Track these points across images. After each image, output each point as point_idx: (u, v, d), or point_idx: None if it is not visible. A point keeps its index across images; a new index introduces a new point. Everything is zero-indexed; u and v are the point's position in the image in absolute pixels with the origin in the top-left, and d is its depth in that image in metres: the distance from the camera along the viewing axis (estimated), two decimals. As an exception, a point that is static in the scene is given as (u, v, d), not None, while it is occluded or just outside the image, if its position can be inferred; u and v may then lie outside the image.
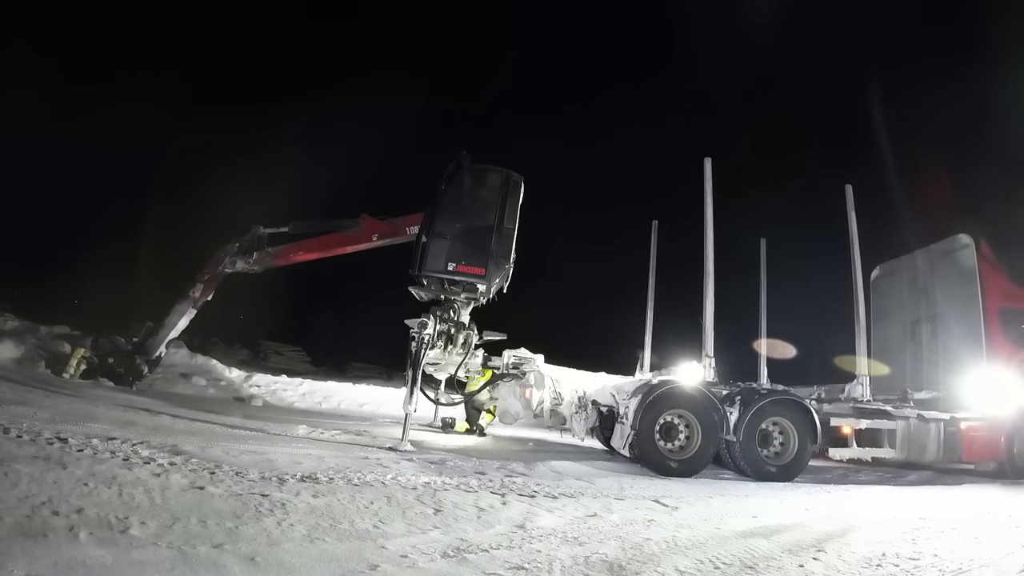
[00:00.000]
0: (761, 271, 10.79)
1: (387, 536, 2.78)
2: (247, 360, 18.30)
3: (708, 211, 7.41)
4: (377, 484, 3.93)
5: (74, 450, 3.76)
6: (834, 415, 6.97)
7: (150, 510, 2.72)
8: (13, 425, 4.20)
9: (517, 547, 2.84)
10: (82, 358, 8.98)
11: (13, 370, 8.25)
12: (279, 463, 4.20)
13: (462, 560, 2.56)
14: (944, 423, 7.24)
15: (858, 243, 8.00)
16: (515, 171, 7.96)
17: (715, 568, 2.84)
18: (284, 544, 2.49)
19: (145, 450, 4.03)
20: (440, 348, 7.47)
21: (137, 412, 6.18)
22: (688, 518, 3.91)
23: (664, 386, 6.32)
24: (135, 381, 9.06)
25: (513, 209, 7.78)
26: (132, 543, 2.27)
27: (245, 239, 9.14)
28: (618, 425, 6.38)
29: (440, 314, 7.44)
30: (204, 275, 9.21)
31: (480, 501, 3.74)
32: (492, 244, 7.44)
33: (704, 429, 6.25)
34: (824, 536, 3.64)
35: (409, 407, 6.10)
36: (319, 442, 5.80)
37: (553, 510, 3.71)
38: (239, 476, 3.62)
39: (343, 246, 8.92)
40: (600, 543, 3.06)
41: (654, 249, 10.54)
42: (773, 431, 6.55)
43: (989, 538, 3.95)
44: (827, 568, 2.96)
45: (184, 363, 11.02)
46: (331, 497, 3.39)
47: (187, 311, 9.22)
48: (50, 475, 3.06)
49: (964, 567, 3.19)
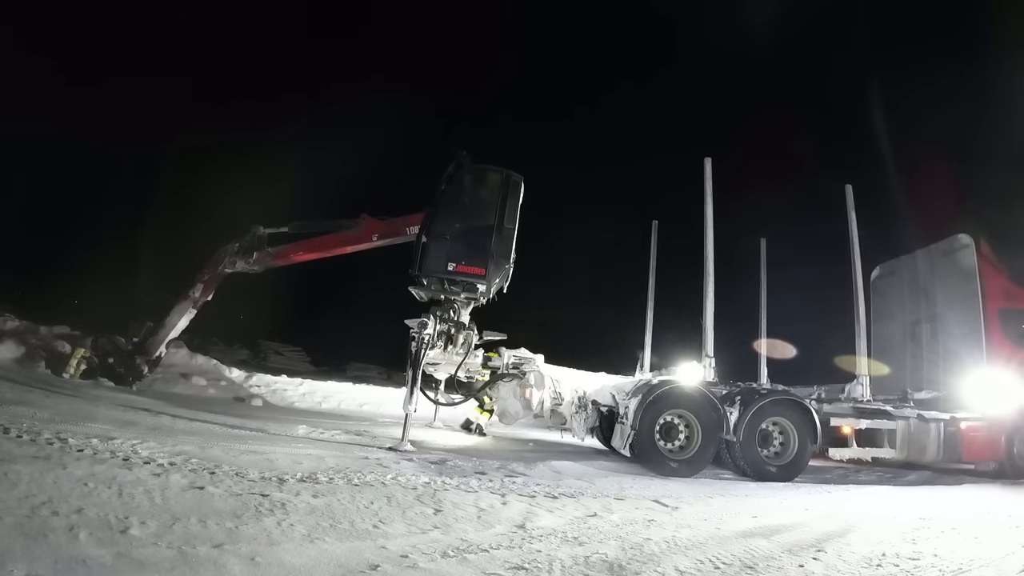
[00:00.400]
0: (761, 271, 10.79)
1: (387, 536, 2.79)
2: (247, 360, 18.28)
3: (708, 211, 7.41)
4: (377, 484, 3.93)
5: (74, 450, 3.76)
6: (834, 415, 6.97)
7: (150, 510, 2.72)
8: (13, 425, 4.21)
9: (517, 547, 2.84)
10: (82, 358, 8.99)
11: (13, 370, 8.26)
12: (279, 463, 4.20)
13: (462, 560, 2.56)
14: (944, 423, 7.24)
15: (858, 243, 8.00)
16: (515, 171, 7.96)
17: (715, 568, 2.84)
18: (284, 544, 2.49)
19: (145, 450, 4.03)
20: (440, 348, 7.47)
21: (137, 412, 6.18)
22: (688, 518, 3.91)
23: (664, 386, 6.33)
24: (135, 381, 9.06)
25: (513, 209, 7.76)
26: (132, 543, 2.27)
27: (245, 239, 9.13)
28: (618, 425, 6.38)
29: (440, 314, 7.43)
30: (204, 275, 9.21)
31: (480, 501, 3.74)
32: (492, 244, 7.42)
33: (704, 429, 6.25)
34: (824, 536, 3.64)
35: (409, 407, 6.11)
36: (319, 442, 5.81)
37: (553, 510, 3.72)
38: (239, 476, 3.62)
39: (343, 246, 8.91)
40: (600, 543, 3.06)
41: (654, 249, 10.55)
42: (773, 431, 6.55)
43: (989, 538, 3.95)
44: (827, 568, 2.96)
45: (184, 363, 11.02)
46: (331, 497, 3.39)
47: (187, 311, 9.22)
48: (50, 475, 3.06)
49: (964, 567, 3.19)
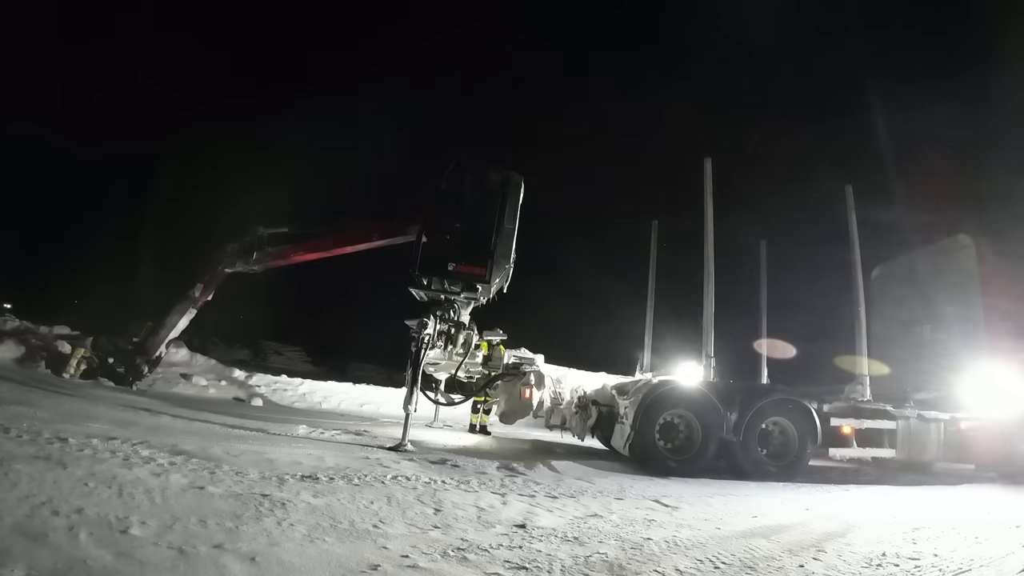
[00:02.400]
0: (761, 271, 10.79)
1: (387, 536, 2.78)
2: (247, 360, 18.31)
3: (708, 211, 7.41)
4: (377, 484, 3.93)
5: (74, 450, 3.76)
6: (834, 415, 6.96)
7: (150, 510, 2.72)
8: (13, 425, 4.21)
9: (517, 547, 2.84)
10: (82, 358, 9.00)
11: (13, 370, 8.27)
12: (279, 463, 4.20)
13: (462, 560, 2.56)
14: (944, 423, 7.23)
15: (858, 243, 8.00)
16: (515, 170, 7.95)
17: (715, 568, 2.83)
18: (284, 544, 2.49)
19: (145, 450, 4.03)
20: (440, 348, 7.46)
21: (137, 412, 6.18)
22: (688, 518, 3.91)
23: (664, 386, 6.32)
24: (135, 381, 9.06)
25: (513, 209, 7.75)
26: (132, 543, 2.27)
27: (245, 239, 9.12)
28: (618, 425, 6.38)
29: (440, 314, 7.42)
30: (204, 275, 9.21)
31: (480, 501, 3.74)
32: (492, 244, 7.42)
33: (704, 429, 6.24)
34: (824, 536, 3.64)
35: (409, 407, 6.11)
36: (319, 442, 5.81)
37: (553, 510, 3.71)
38: (239, 476, 3.62)
39: (343, 246, 8.91)
40: (600, 543, 3.06)
41: (654, 249, 10.54)
42: (773, 431, 6.55)
43: (989, 538, 3.94)
44: (827, 568, 2.96)
45: (184, 363, 11.04)
46: (331, 497, 3.39)
47: (187, 311, 9.23)
48: (50, 475, 3.06)
49: (964, 567, 3.18)
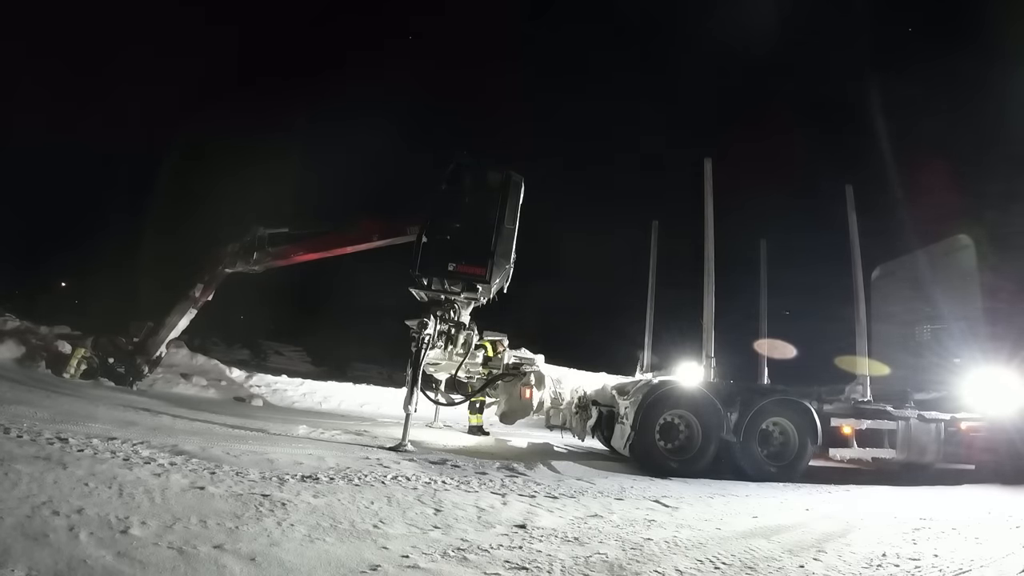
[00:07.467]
0: (761, 271, 10.77)
1: (388, 536, 2.78)
2: (247, 360, 18.28)
3: (708, 211, 7.40)
4: (377, 484, 3.93)
5: (74, 450, 3.76)
6: (834, 415, 6.94)
7: (150, 510, 2.72)
8: (13, 425, 4.21)
9: (518, 547, 2.84)
10: (82, 358, 8.99)
11: (13, 370, 8.26)
12: (279, 463, 4.20)
13: (463, 560, 2.56)
14: (944, 423, 7.22)
15: (858, 243, 7.99)
16: (515, 170, 7.95)
17: (715, 568, 2.84)
18: (284, 544, 2.49)
19: (145, 450, 4.03)
20: (440, 348, 7.46)
21: (137, 412, 6.18)
22: (688, 518, 3.91)
23: (664, 386, 6.32)
24: (135, 381, 9.05)
25: (513, 209, 7.75)
26: (132, 543, 2.27)
27: (246, 239, 9.11)
28: (618, 425, 6.38)
29: (440, 314, 7.41)
30: (204, 275, 9.20)
31: (480, 501, 3.74)
32: (492, 244, 7.41)
33: (704, 429, 6.24)
34: (824, 536, 3.64)
35: (409, 407, 6.11)
36: (319, 442, 5.80)
37: (553, 510, 3.72)
38: (239, 476, 3.62)
39: (343, 246, 8.90)
40: (600, 543, 3.06)
41: (654, 249, 10.51)
42: (773, 431, 6.54)
43: (989, 538, 3.94)
44: (828, 568, 2.96)
45: (184, 363, 11.01)
46: (331, 497, 3.39)
47: (187, 311, 9.22)
48: (50, 475, 3.06)
49: (965, 567, 3.18)
